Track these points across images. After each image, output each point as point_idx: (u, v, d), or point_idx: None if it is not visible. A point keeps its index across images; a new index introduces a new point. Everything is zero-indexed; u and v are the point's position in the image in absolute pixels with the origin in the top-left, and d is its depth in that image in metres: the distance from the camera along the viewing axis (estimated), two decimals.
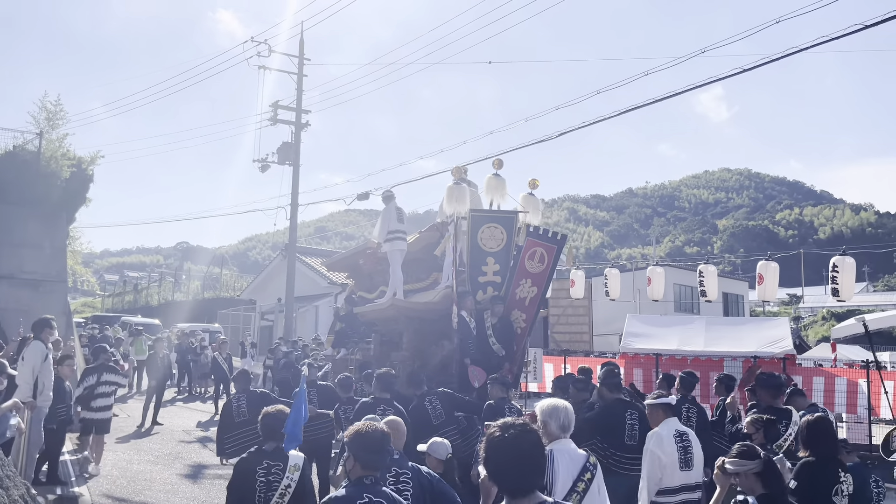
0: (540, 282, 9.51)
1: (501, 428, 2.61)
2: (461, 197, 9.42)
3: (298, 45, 22.81)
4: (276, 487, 4.24)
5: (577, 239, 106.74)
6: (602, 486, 4.03)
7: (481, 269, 9.37)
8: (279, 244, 39.46)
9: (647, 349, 12.93)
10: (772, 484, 3.75)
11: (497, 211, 9.77)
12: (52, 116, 17.24)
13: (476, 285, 9.30)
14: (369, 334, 11.46)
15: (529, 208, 9.99)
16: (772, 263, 10.73)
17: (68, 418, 8.94)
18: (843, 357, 18.02)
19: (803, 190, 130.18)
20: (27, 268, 15.06)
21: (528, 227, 9.72)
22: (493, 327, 8.87)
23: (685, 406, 7.14)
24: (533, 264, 9.45)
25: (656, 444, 5.07)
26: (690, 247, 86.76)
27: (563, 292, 18.75)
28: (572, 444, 4.07)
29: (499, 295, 9.25)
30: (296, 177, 22.38)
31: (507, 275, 9.46)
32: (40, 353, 7.64)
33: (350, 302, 12.19)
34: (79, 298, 49.62)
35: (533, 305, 9.48)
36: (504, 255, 9.44)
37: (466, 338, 8.71)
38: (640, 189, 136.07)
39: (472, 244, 9.29)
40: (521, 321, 9.41)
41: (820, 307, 46.43)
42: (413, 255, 10.51)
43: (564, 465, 3.92)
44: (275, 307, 26.47)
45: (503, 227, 9.40)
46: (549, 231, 9.86)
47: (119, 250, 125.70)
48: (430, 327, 9.74)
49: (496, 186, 9.90)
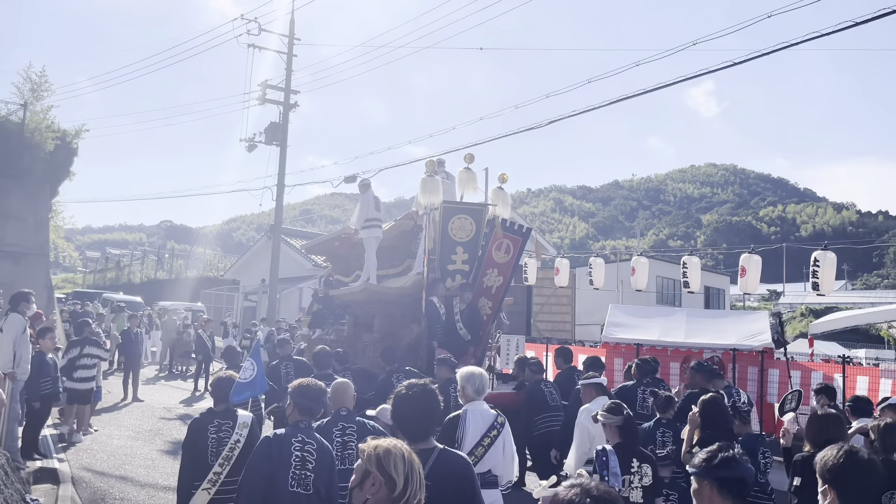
0: (506, 271, 10.07)
1: (407, 387, 3.31)
2: (434, 189, 9.74)
3: (289, 24, 22.64)
4: (225, 443, 4.63)
5: (562, 229, 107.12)
6: (507, 443, 4.72)
7: (451, 257, 9.80)
8: (264, 225, 39.25)
9: (628, 339, 13.05)
10: (627, 436, 4.66)
11: (467, 203, 10.21)
12: (37, 88, 17.06)
13: (446, 273, 9.72)
14: (344, 316, 11.85)
15: (498, 202, 10.35)
16: (754, 256, 10.86)
17: (54, 392, 8.88)
18: (819, 353, 18.32)
19: (787, 187, 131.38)
20: (9, 240, 14.94)
21: (496, 219, 10.11)
22: (460, 313, 9.30)
23: (641, 389, 7.75)
24: (500, 255, 10.01)
25: (586, 418, 5.54)
26: (674, 240, 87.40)
27: (548, 281, 18.84)
28: (485, 406, 4.77)
29: (467, 283, 9.71)
30: (283, 157, 22.26)
31: (475, 264, 9.93)
32: (19, 326, 7.58)
33: (327, 284, 12.47)
34: (60, 274, 49.06)
35: (499, 293, 10.04)
36: (473, 246, 9.92)
37: (435, 322, 9.10)
38: (627, 181, 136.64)
39: (443, 234, 9.72)
40: (487, 308, 9.98)
41: (799, 304, 47.05)
42: (388, 241, 10.85)
43: (475, 422, 4.64)
44: (258, 288, 26.40)
45: (473, 219, 9.85)
46: (515, 224, 10.41)
47: (101, 227, 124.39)
48: (401, 311, 10.12)
49: (467, 180, 10.40)
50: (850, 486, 2.71)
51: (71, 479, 7.82)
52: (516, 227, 10.38)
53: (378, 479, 2.26)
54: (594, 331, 20.41)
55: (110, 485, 7.73)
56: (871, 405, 6.50)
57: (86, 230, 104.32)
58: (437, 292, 9.24)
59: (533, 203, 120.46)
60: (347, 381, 5.09)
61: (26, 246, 15.23)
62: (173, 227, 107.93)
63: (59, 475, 7.83)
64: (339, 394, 4.82)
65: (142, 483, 7.83)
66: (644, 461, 4.64)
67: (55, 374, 8.85)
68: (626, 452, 4.59)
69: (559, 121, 12.47)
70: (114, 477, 8.08)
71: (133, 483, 7.83)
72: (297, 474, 3.79)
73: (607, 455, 4.50)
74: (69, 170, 17.52)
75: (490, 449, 4.59)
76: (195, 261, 44.27)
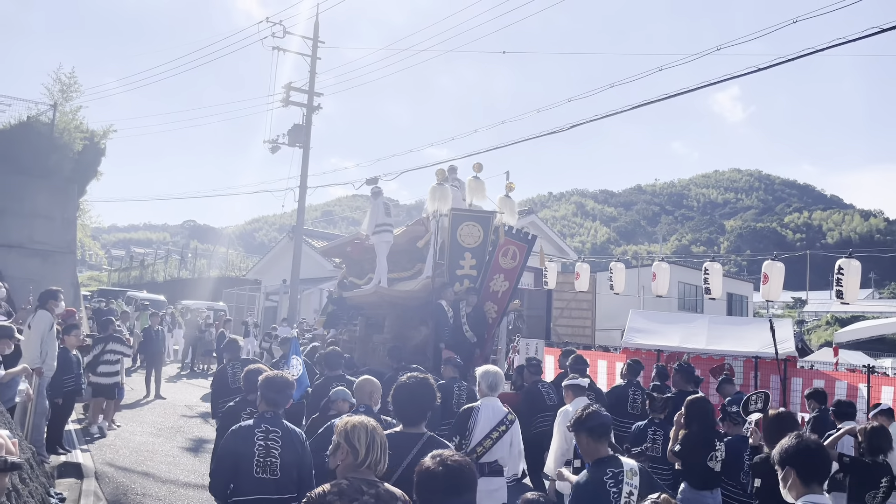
0: (511, 277, 10.48)
1: (408, 378, 3.72)
2: (443, 197, 10.19)
3: (313, 27, 22.81)
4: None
5: (583, 233, 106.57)
6: (515, 438, 5.11)
7: (459, 262, 10.13)
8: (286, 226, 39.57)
9: (648, 345, 12.97)
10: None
11: (476, 210, 10.59)
12: (67, 89, 17.36)
13: (454, 277, 10.03)
14: (356, 317, 12.23)
15: (505, 209, 10.78)
16: (777, 263, 10.73)
17: (77, 388, 9.04)
18: (844, 362, 18.05)
19: (813, 194, 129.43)
20: (37, 238, 15.20)
21: (503, 226, 10.50)
22: (467, 316, 9.61)
23: (631, 390, 8.24)
24: (506, 261, 10.45)
25: (564, 418, 5.68)
26: (697, 246, 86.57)
27: (568, 285, 18.78)
28: (498, 402, 5.16)
29: (474, 287, 10.01)
30: (305, 159, 22.42)
31: (482, 269, 10.29)
32: (47, 323, 7.72)
33: (341, 286, 12.81)
34: (86, 272, 49.82)
35: (504, 298, 10.46)
36: (480, 251, 10.23)
37: (442, 325, 9.38)
38: (649, 186, 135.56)
39: (452, 240, 10.05)
40: (492, 312, 10.35)
41: (824, 312, 46.37)
42: (400, 245, 11.18)
43: (486, 416, 5.03)
44: (279, 288, 26.57)
45: (480, 226, 10.19)
46: (521, 231, 10.94)
47: (126, 226, 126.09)
48: (410, 313, 10.44)
49: (476, 188, 10.80)
50: (808, 463, 2.94)
51: (94, 473, 7.95)
52: (522, 234, 10.85)
53: (345, 449, 2.76)
54: (614, 336, 20.29)
55: (132, 480, 7.84)
56: (853, 408, 6.89)
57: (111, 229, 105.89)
58: (444, 296, 9.54)
59: (554, 207, 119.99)
60: (369, 378, 5.19)
61: (54, 244, 15.50)
62: (196, 226, 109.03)
63: (82, 470, 7.96)
64: (359, 391, 5.05)
65: (163, 479, 7.93)
66: None
67: (78, 371, 9.02)
68: None
69: (581, 125, 12.43)
70: (136, 472, 8.19)
71: (154, 479, 7.94)
72: (261, 461, 4.02)
73: None
74: (97, 169, 17.82)
75: (498, 442, 4.95)
76: (217, 260, 44.73)
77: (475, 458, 4.74)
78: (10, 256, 14.59)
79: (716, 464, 5.53)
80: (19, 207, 15.06)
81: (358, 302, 11.81)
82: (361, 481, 2.74)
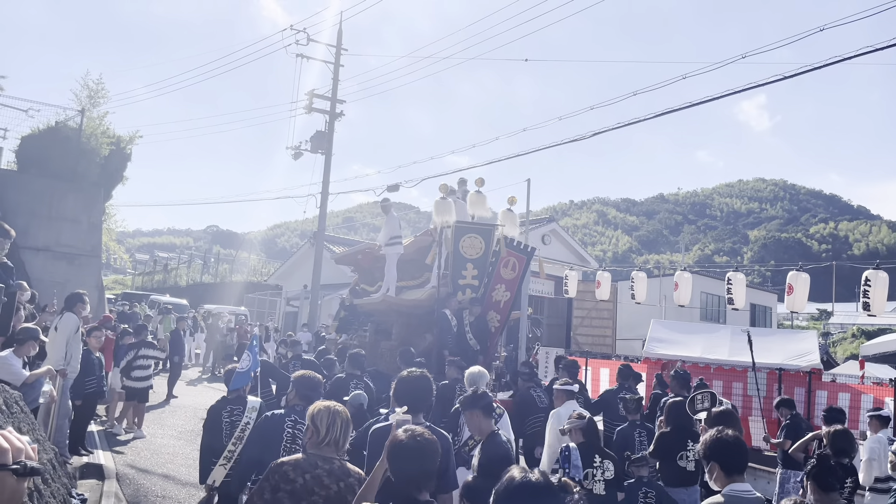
0: (512, 287, 10.82)
1: (408, 372, 4.14)
2: (447, 210, 10.62)
3: (336, 35, 22.98)
4: (237, 425, 5.39)
5: (604, 242, 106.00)
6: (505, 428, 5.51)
7: (461, 273, 10.58)
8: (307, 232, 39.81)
9: (670, 355, 12.82)
10: (590, 437, 5.35)
11: (478, 223, 11.06)
12: (94, 95, 17.65)
13: (457, 287, 10.46)
14: (367, 323, 12.69)
15: (507, 223, 11.17)
16: (802, 274, 10.59)
17: (99, 390, 9.14)
18: (870, 375, 17.71)
19: (839, 204, 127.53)
20: (64, 241, 15.43)
21: (505, 238, 10.92)
22: (470, 325, 9.94)
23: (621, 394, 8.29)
24: (507, 271, 10.80)
25: (556, 421, 6.23)
26: (720, 256, 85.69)
27: (589, 294, 18.67)
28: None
29: (476, 297, 10.40)
30: (327, 166, 22.55)
31: (484, 279, 10.70)
32: (73, 325, 7.82)
33: (353, 294, 13.28)
34: (110, 275, 50.46)
35: (506, 308, 10.78)
36: (482, 263, 10.69)
37: (446, 332, 9.74)
38: (672, 195, 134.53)
39: (455, 251, 10.52)
40: (495, 321, 10.67)
41: (850, 324, 45.61)
42: (408, 256, 11.61)
43: None
44: (300, 293, 26.74)
45: (482, 238, 10.65)
46: (521, 243, 11.33)
47: (151, 230, 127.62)
48: (416, 321, 10.85)
49: (478, 202, 11.34)
50: (727, 457, 3.32)
51: (115, 475, 8.02)
52: (522, 246, 11.23)
53: (311, 429, 3.22)
54: (635, 346, 20.13)
55: (153, 482, 7.91)
56: (843, 415, 7.24)
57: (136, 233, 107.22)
58: (449, 305, 9.93)
59: (575, 215, 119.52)
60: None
61: (80, 247, 15.73)
62: (219, 231, 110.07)
63: (104, 471, 8.04)
64: None
65: (183, 482, 7.98)
66: (606, 458, 5.29)
67: (100, 374, 9.13)
68: (588, 450, 5.26)
69: (604, 133, 12.39)
70: (156, 475, 8.26)
71: (174, 481, 8.00)
72: (287, 447, 4.40)
73: (569, 450, 5.18)
74: (123, 174, 18.07)
75: None
76: (240, 265, 45.06)
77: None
78: (37, 259, 14.83)
79: (687, 462, 5.90)
80: (46, 211, 15.32)
81: (368, 309, 12.23)
82: (318, 457, 3.13)
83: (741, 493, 3.27)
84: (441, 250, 10.55)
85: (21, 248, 13.21)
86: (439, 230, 10.67)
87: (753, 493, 3.36)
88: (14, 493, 1.39)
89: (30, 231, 14.95)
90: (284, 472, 3.04)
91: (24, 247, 13.91)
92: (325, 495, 3.02)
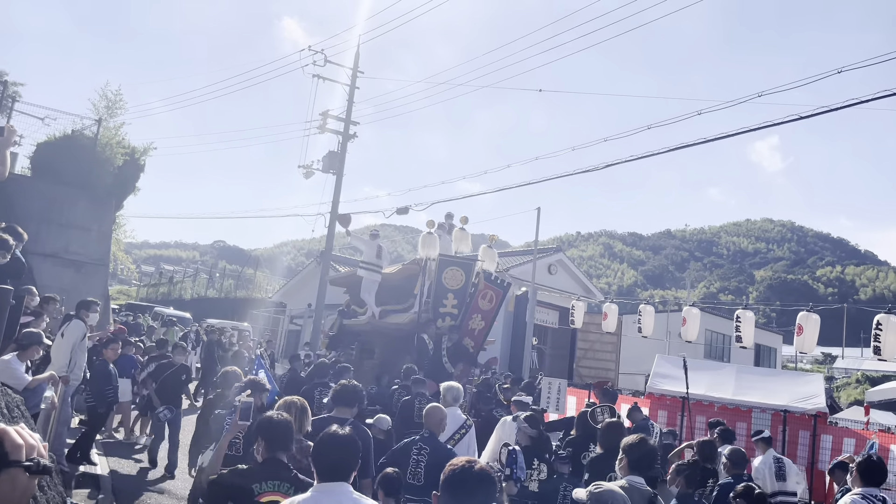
0: (488, 317, 11.68)
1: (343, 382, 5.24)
2: (432, 244, 11.68)
3: (354, 57, 23.22)
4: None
5: (610, 275, 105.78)
6: (472, 441, 6.41)
7: (443, 301, 11.41)
8: (314, 251, 39.88)
9: (674, 391, 12.68)
10: (536, 443, 6.24)
11: (460, 257, 12.04)
12: (112, 105, 17.82)
13: (436, 314, 11.28)
14: (354, 342, 13.51)
15: (486, 258, 12.15)
16: (813, 315, 10.52)
17: (115, 400, 9.15)
18: (875, 421, 17.51)
19: (847, 248, 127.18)
20: (72, 248, 15.48)
21: (484, 272, 11.77)
22: (447, 349, 10.68)
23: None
24: (484, 303, 11.62)
25: (503, 426, 7.30)
26: (725, 294, 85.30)
27: (594, 326, 18.57)
28: (458, 411, 6.57)
29: (455, 324, 11.19)
30: (338, 186, 22.63)
31: (463, 309, 11.50)
32: (80, 332, 7.79)
33: (343, 314, 14.07)
34: (115, 285, 50.56)
35: (481, 335, 11.66)
36: (462, 293, 11.54)
37: (423, 356, 10.50)
38: (679, 231, 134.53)
39: (437, 282, 11.39)
40: (470, 346, 11.47)
41: (854, 370, 45.20)
42: (396, 282, 12.61)
43: (449, 423, 5.91)
44: (304, 312, 26.68)
45: (463, 271, 11.56)
46: (499, 278, 12.21)
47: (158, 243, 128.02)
48: (398, 343, 11.69)
49: (461, 238, 12.48)
50: (635, 454, 4.18)
51: (111, 486, 7.94)
52: (499, 280, 12.13)
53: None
54: (638, 380, 19.96)
55: (148, 496, 7.82)
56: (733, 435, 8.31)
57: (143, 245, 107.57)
58: (427, 331, 10.72)
59: (582, 247, 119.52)
60: (439, 406, 5.71)
61: (88, 255, 15.77)
62: (226, 247, 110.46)
63: (99, 482, 7.97)
64: (428, 417, 5.48)
65: (178, 496, 7.90)
66: (542, 461, 6.18)
67: (115, 384, 9.11)
68: (531, 454, 6.12)
69: (616, 165, 12.41)
70: (152, 488, 8.18)
71: (169, 495, 7.92)
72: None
73: (516, 454, 5.79)
74: (135, 185, 18.17)
75: (458, 443, 6.12)
76: (244, 282, 45.11)
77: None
78: (45, 265, 14.87)
79: None
80: (57, 217, 15.39)
81: (355, 329, 13.17)
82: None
83: (637, 484, 4.10)
84: (424, 280, 11.51)
85: (30, 254, 13.22)
86: (424, 261, 11.60)
87: (647, 487, 4.18)
88: (26, 490, 1.37)
89: (39, 237, 14.98)
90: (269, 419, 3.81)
91: (32, 252, 13.93)
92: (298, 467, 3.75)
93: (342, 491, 2.93)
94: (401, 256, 64.09)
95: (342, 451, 3.03)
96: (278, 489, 3.63)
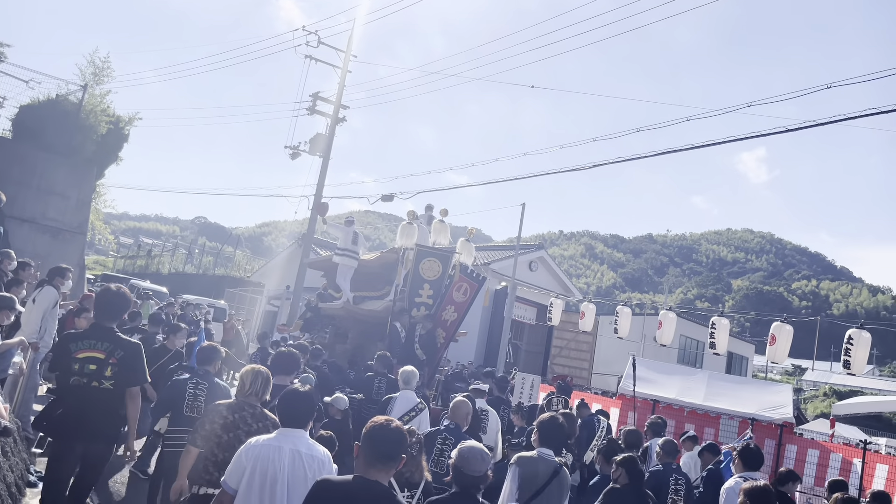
0: (461, 309, 11.92)
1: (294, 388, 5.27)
2: (410, 234, 11.90)
3: (347, 40, 23.03)
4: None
5: (589, 275, 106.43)
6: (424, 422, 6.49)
7: (419, 291, 11.67)
8: (295, 233, 39.62)
9: (645, 394, 12.83)
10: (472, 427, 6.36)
11: (438, 248, 12.26)
12: (99, 72, 17.51)
13: (412, 304, 11.53)
14: (328, 326, 13.79)
15: (464, 251, 12.40)
16: (786, 326, 10.65)
17: None
18: (839, 435, 17.81)
19: (823, 263, 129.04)
20: (50, 214, 15.24)
21: (460, 265, 12.01)
22: (420, 337, 10.98)
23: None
24: (459, 295, 11.87)
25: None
26: (702, 301, 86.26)
27: (571, 325, 18.68)
28: (412, 394, 6.78)
29: (429, 314, 11.47)
30: (324, 169, 22.49)
31: (437, 299, 11.77)
32: (52, 299, 7.69)
33: (320, 297, 14.18)
34: (92, 255, 49.93)
35: (453, 326, 11.96)
36: (438, 284, 11.76)
37: (395, 343, 10.75)
38: (660, 236, 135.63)
39: (415, 272, 11.62)
40: (441, 337, 11.73)
41: (823, 383, 45.93)
42: (373, 269, 12.82)
43: (401, 403, 6.62)
44: (282, 294, 26.54)
45: (440, 262, 11.77)
46: (474, 272, 12.46)
47: (138, 215, 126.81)
48: (371, 329, 12.00)
49: (440, 230, 12.81)
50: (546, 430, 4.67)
51: None
52: (475, 274, 12.35)
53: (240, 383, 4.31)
54: (610, 381, 20.11)
55: (114, 468, 7.76)
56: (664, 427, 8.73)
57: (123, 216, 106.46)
58: (400, 319, 10.98)
59: (564, 246, 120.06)
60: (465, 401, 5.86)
61: (66, 223, 15.53)
62: (207, 224, 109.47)
63: None
64: (455, 411, 5.71)
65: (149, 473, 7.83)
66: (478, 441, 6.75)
67: None
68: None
69: (603, 165, 12.47)
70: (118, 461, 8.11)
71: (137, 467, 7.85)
72: (189, 404, 5.67)
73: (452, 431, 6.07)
74: (118, 154, 17.89)
75: (409, 424, 6.02)
76: (224, 259, 44.76)
77: None
78: (21, 230, 14.61)
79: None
80: (37, 182, 15.12)
81: (330, 313, 13.46)
82: (245, 403, 4.23)
83: (546, 455, 4.52)
84: (401, 269, 11.69)
85: (7, 218, 13.01)
86: (402, 251, 11.78)
87: (555, 458, 4.56)
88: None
89: (17, 201, 14.72)
90: (220, 410, 4.16)
91: (9, 216, 13.70)
92: (247, 430, 4.08)
93: (299, 435, 3.66)
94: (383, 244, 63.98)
95: (300, 403, 3.74)
96: (94, 347, 4.67)
